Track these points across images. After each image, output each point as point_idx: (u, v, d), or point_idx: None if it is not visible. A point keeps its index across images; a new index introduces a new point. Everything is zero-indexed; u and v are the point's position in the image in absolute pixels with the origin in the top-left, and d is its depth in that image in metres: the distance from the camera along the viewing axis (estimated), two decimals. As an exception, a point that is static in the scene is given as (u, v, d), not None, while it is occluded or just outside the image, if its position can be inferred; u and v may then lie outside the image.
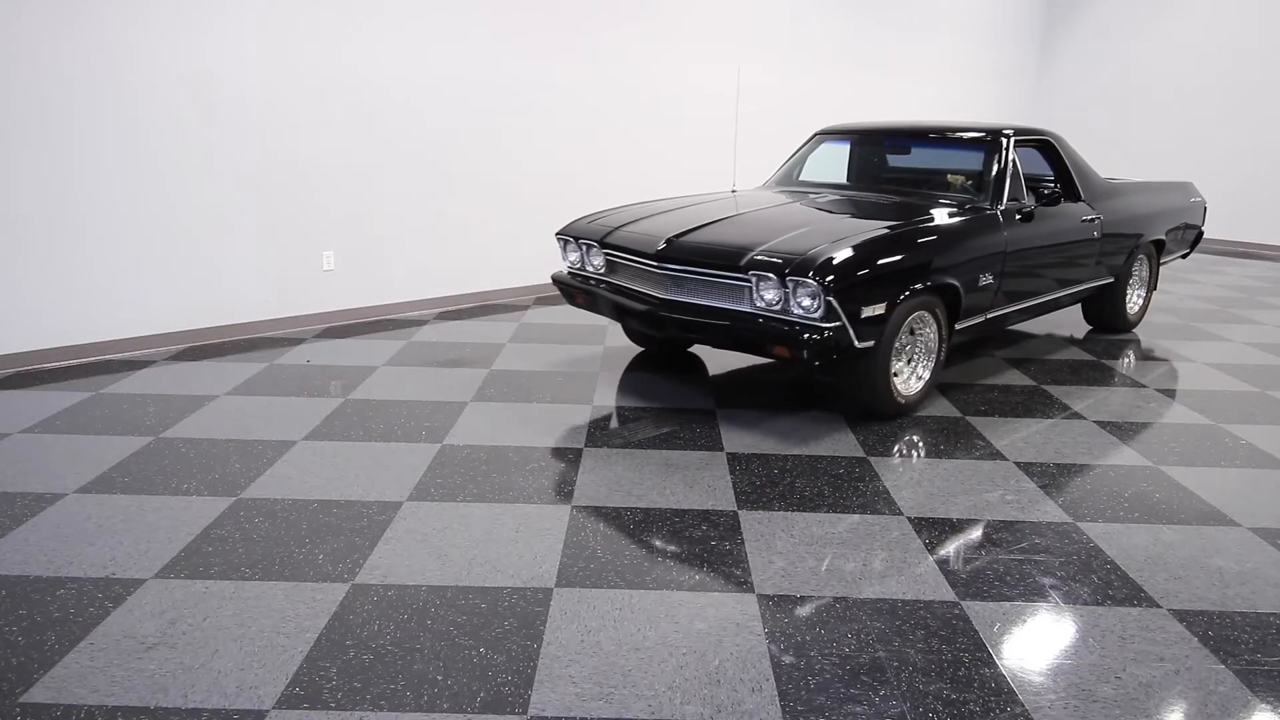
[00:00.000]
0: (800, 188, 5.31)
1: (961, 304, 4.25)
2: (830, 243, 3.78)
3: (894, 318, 3.87)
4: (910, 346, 4.21)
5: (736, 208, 4.58)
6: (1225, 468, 3.75)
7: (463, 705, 2.13)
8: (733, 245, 3.92)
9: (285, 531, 2.98)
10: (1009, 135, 4.82)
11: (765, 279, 3.69)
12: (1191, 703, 2.22)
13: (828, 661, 2.34)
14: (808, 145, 5.65)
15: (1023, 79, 11.50)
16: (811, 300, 3.60)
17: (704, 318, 3.89)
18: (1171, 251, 6.29)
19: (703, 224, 4.26)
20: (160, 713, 2.08)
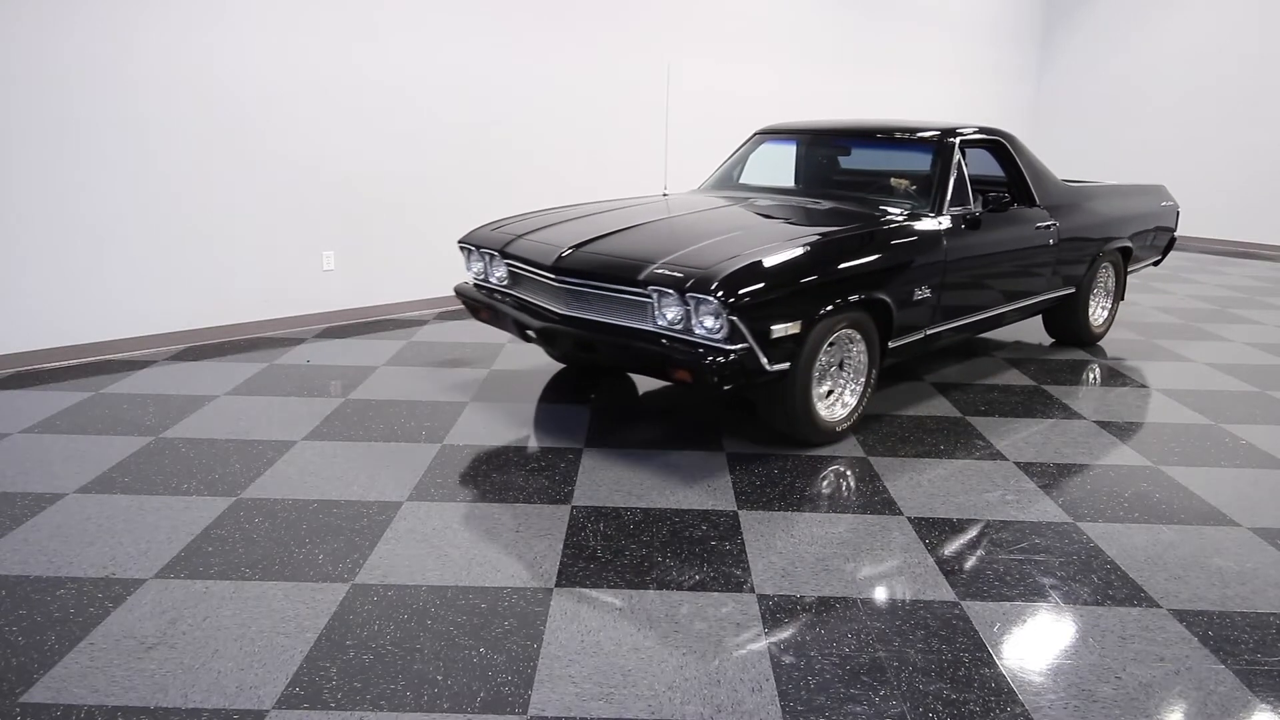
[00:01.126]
0: (735, 191, 4.95)
1: (894, 320, 3.88)
2: (738, 255, 3.41)
3: (813, 337, 3.52)
4: (836, 368, 3.85)
5: (655, 214, 4.21)
6: (1225, 468, 3.75)
7: (463, 705, 2.13)
8: (634, 257, 3.54)
9: (285, 531, 2.98)
10: (954, 136, 4.46)
11: (666, 295, 3.33)
12: (1191, 703, 2.22)
13: (828, 661, 2.34)
14: (747, 145, 5.27)
15: (1023, 79, 11.50)
16: (714, 320, 3.25)
17: (603, 336, 3.52)
18: (1140, 259, 5.93)
19: (610, 232, 3.88)
20: (160, 713, 2.08)
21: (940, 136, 4.47)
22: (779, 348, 3.38)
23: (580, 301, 3.68)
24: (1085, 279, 5.31)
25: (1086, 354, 5.57)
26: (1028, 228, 4.70)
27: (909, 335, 4.06)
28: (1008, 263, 4.58)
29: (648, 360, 3.39)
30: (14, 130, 4.54)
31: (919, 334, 4.12)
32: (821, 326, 3.55)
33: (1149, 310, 7.00)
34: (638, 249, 3.64)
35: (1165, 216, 6.05)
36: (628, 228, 3.94)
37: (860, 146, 4.89)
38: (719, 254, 3.45)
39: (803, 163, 5.13)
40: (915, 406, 4.41)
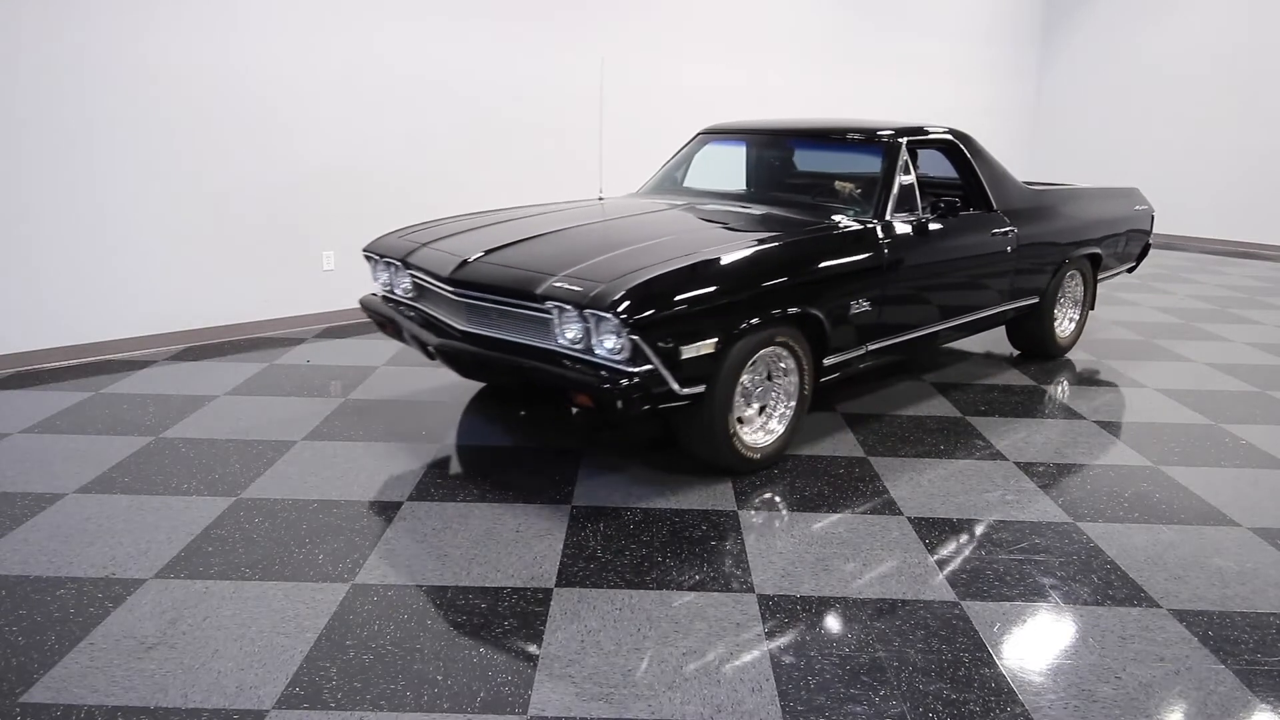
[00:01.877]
0: (673, 195, 4.63)
1: (828, 336, 3.60)
2: (644, 267, 3.12)
3: (731, 357, 3.22)
4: (763, 390, 3.54)
5: (577, 220, 3.94)
6: (1225, 468, 3.75)
7: (463, 705, 2.13)
8: (535, 269, 3.27)
9: (285, 531, 2.98)
10: (899, 138, 4.16)
11: (566, 311, 3.05)
12: (1191, 703, 2.22)
13: (828, 661, 2.34)
14: (691, 146, 4.94)
15: (1023, 79, 11.50)
16: (615, 339, 2.97)
17: (501, 355, 3.24)
18: (1111, 266, 5.59)
19: (517, 240, 3.60)
20: (160, 713, 2.08)
21: (884, 137, 4.16)
22: (691, 369, 3.08)
23: (480, 317, 3.40)
24: (1049, 288, 5.00)
25: (1087, 354, 5.56)
26: (982, 234, 4.40)
27: (847, 352, 3.76)
28: (960, 272, 4.29)
29: (546, 383, 3.13)
30: (16, 130, 4.54)
31: (859, 350, 3.81)
32: (742, 345, 3.24)
33: (1149, 310, 7.00)
34: (541, 260, 3.35)
35: (1139, 221, 5.73)
36: (537, 235, 3.66)
37: (805, 148, 4.61)
38: (625, 266, 3.15)
39: (746, 165, 4.83)
40: (915, 406, 4.41)
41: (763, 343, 3.34)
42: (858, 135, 4.24)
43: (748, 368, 3.36)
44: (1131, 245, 5.73)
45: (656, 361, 2.99)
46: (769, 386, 3.56)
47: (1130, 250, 5.76)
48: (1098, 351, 5.63)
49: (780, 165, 4.74)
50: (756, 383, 3.49)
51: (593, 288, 3.02)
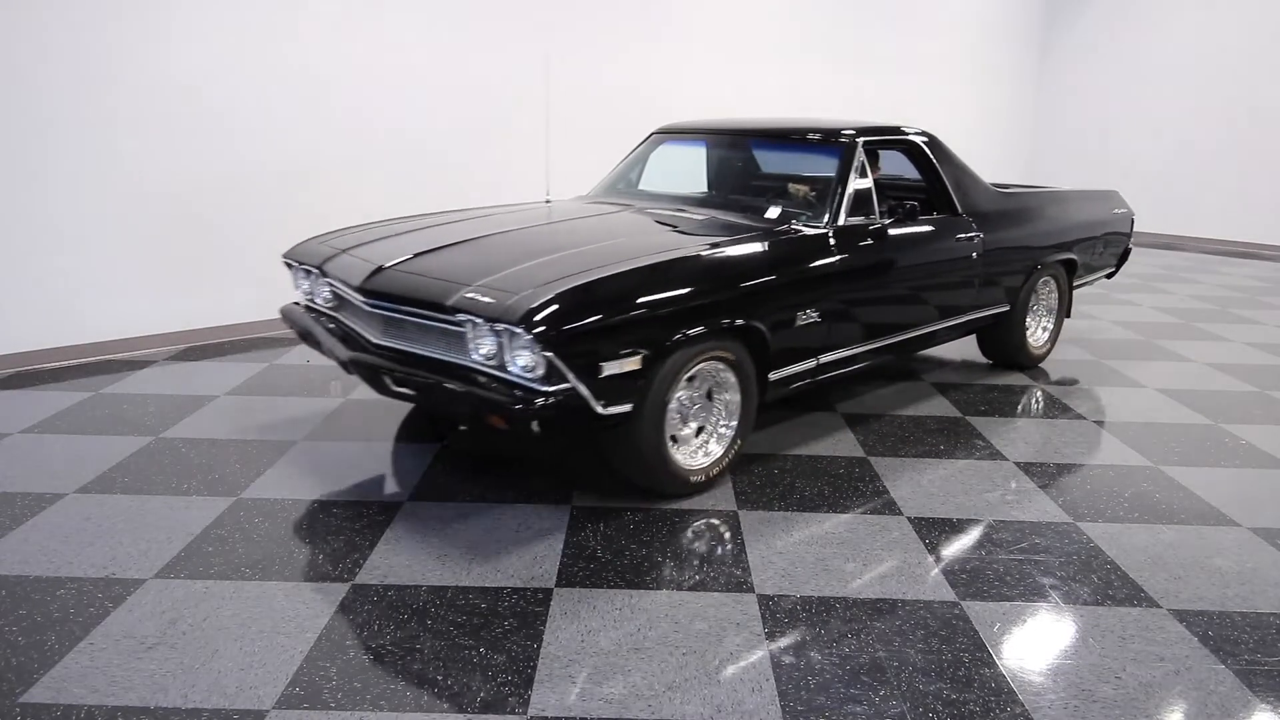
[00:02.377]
0: (622, 198, 4.37)
1: (771, 349, 3.37)
2: (563, 277, 2.90)
3: (663, 373, 2.99)
4: (701, 407, 3.31)
5: (511, 224, 3.72)
6: (1225, 468, 3.75)
7: (463, 705, 2.13)
8: (448, 278, 3.02)
9: (285, 531, 2.98)
10: (854, 137, 3.93)
11: (478, 325, 2.81)
12: (1191, 703, 2.22)
13: (828, 661, 2.34)
14: (644, 146, 4.70)
15: (1022, 80, 11.50)
16: (528, 356, 2.74)
17: (413, 372, 2.98)
18: (1089, 272, 5.36)
19: (439, 247, 3.37)
20: (160, 713, 2.08)
21: (838, 138, 3.95)
22: (615, 387, 2.85)
23: (395, 329, 3.16)
24: (1021, 295, 4.76)
25: (1087, 354, 5.57)
26: (945, 239, 4.18)
27: (794, 365, 3.53)
28: (921, 279, 4.08)
29: (456, 403, 2.90)
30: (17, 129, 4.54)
31: (808, 363, 3.59)
32: (674, 360, 3.02)
33: (1149, 310, 7.01)
34: (458, 268, 3.11)
35: (1117, 224, 5.48)
36: (462, 242, 3.42)
37: (759, 149, 4.38)
38: (544, 275, 2.93)
39: (699, 166, 4.60)
40: (915, 406, 4.41)
41: (699, 357, 3.11)
42: (812, 135, 4.04)
43: (682, 384, 3.14)
44: (1110, 250, 5.51)
45: (574, 380, 2.75)
46: (709, 404, 3.33)
47: (1109, 255, 5.53)
48: (1098, 351, 5.64)
49: (734, 167, 4.53)
50: (694, 400, 3.26)
51: (505, 299, 2.78)
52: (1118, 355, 5.56)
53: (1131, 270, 8.99)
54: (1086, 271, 5.31)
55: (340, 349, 3.28)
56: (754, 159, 4.44)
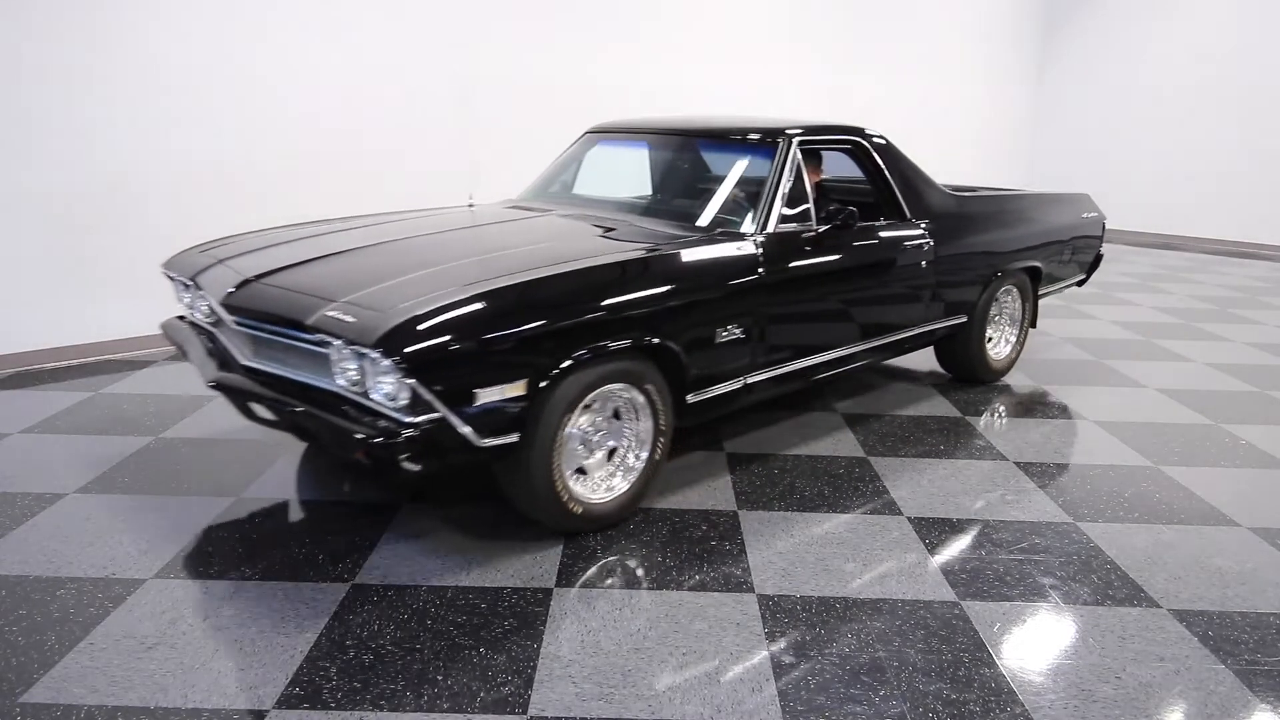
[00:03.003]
0: (548, 202, 4.08)
1: (687, 370, 3.08)
2: (431, 294, 2.59)
3: (554, 398, 2.71)
4: (604, 435, 3.02)
5: (410, 232, 3.42)
6: (1225, 468, 3.75)
7: (463, 705, 2.13)
8: (316, 293, 2.74)
9: (285, 531, 2.98)
10: (787, 137, 3.64)
11: (339, 348, 2.52)
12: (1191, 703, 2.22)
13: (828, 661, 2.34)
14: (577, 146, 4.38)
15: (1023, 80, 11.50)
16: (390, 382, 2.45)
17: (277, 397, 2.71)
18: (1056, 279, 5.08)
19: (320, 256, 3.09)
20: (160, 713, 2.08)
21: (769, 138, 3.65)
22: (494, 415, 2.58)
23: (265, 349, 2.89)
24: (979, 305, 4.47)
25: (1087, 354, 5.56)
26: (891, 247, 3.89)
27: (717, 387, 3.24)
28: (862, 290, 3.78)
29: (320, 434, 2.64)
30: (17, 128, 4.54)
31: (733, 384, 3.30)
32: (569, 384, 2.74)
33: (1149, 310, 7.01)
34: (329, 282, 2.82)
35: (1086, 229, 5.20)
36: (347, 251, 3.14)
37: (690, 149, 4.06)
38: (416, 291, 2.64)
39: (634, 168, 4.30)
40: (915, 406, 4.41)
41: (600, 380, 2.84)
42: (742, 135, 3.75)
43: (580, 410, 2.86)
44: (1079, 256, 5.22)
45: (444, 409, 2.48)
46: (618, 431, 3.06)
47: (1078, 261, 5.24)
48: (1097, 351, 5.64)
49: (665, 169, 4.18)
50: (598, 426, 2.99)
51: (367, 319, 2.50)
52: (1118, 355, 5.56)
53: (1131, 270, 9.00)
54: (1052, 280, 5.05)
55: (210, 369, 2.98)
56: (685, 160, 4.11)
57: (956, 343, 4.57)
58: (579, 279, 2.84)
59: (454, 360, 2.47)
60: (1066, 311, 6.83)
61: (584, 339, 2.74)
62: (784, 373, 3.52)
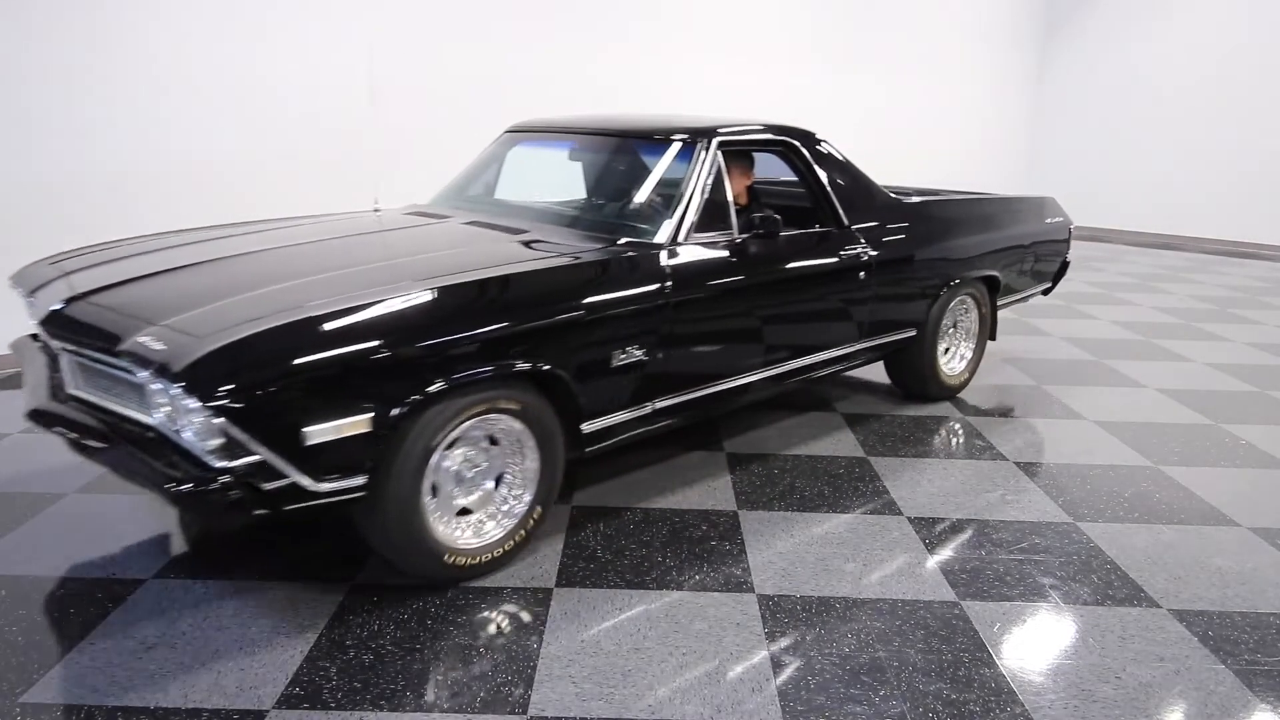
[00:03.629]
0: (457, 208, 3.74)
1: (578, 398, 2.78)
2: (257, 318, 2.28)
3: (413, 435, 2.38)
4: (482, 472, 2.69)
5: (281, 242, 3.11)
6: (1225, 468, 3.75)
7: (463, 705, 2.13)
8: (136, 315, 2.42)
9: (285, 531, 2.98)
10: (706, 138, 3.35)
11: (148, 378, 2.22)
12: (1191, 703, 2.22)
13: (828, 661, 2.34)
14: (496, 146, 4.02)
15: (1024, 81, 11.50)
16: (199, 421, 2.12)
17: (92, 431, 2.43)
18: (1016, 290, 4.76)
19: (158, 271, 2.76)
20: (160, 713, 2.08)
21: (684, 138, 3.37)
22: (331, 457, 2.25)
23: (91, 376, 2.56)
24: (930, 318, 4.16)
25: (1087, 354, 5.56)
26: (824, 256, 3.59)
27: (618, 413, 2.94)
28: (790, 304, 3.51)
29: (126, 471, 2.36)
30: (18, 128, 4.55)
31: (640, 410, 3.00)
32: (428, 418, 2.41)
33: (1149, 310, 7.01)
34: (159, 301, 2.50)
35: (1051, 235, 4.90)
36: (196, 265, 2.82)
37: (606, 150, 3.74)
38: (238, 315, 2.31)
39: (554, 170, 3.97)
40: (915, 407, 4.41)
41: (469, 411, 2.51)
42: (658, 136, 3.46)
43: (446, 446, 2.52)
44: (1042, 264, 4.90)
45: (264, 451, 2.16)
46: (499, 467, 2.73)
47: (1042, 270, 4.92)
48: (1097, 351, 5.64)
49: (579, 171, 3.87)
50: (473, 462, 2.66)
51: (178, 346, 2.19)
52: (1118, 355, 5.56)
53: (1131, 270, 9.00)
54: (1013, 290, 4.74)
55: (38, 396, 2.65)
56: (598, 164, 3.79)
57: (906, 357, 4.25)
58: (436, 298, 2.49)
59: (273, 395, 2.14)
60: (1066, 311, 6.84)
61: (444, 367, 2.41)
62: (700, 396, 3.21)
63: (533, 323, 2.61)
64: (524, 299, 2.66)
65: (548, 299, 2.69)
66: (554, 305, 2.68)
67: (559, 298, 2.72)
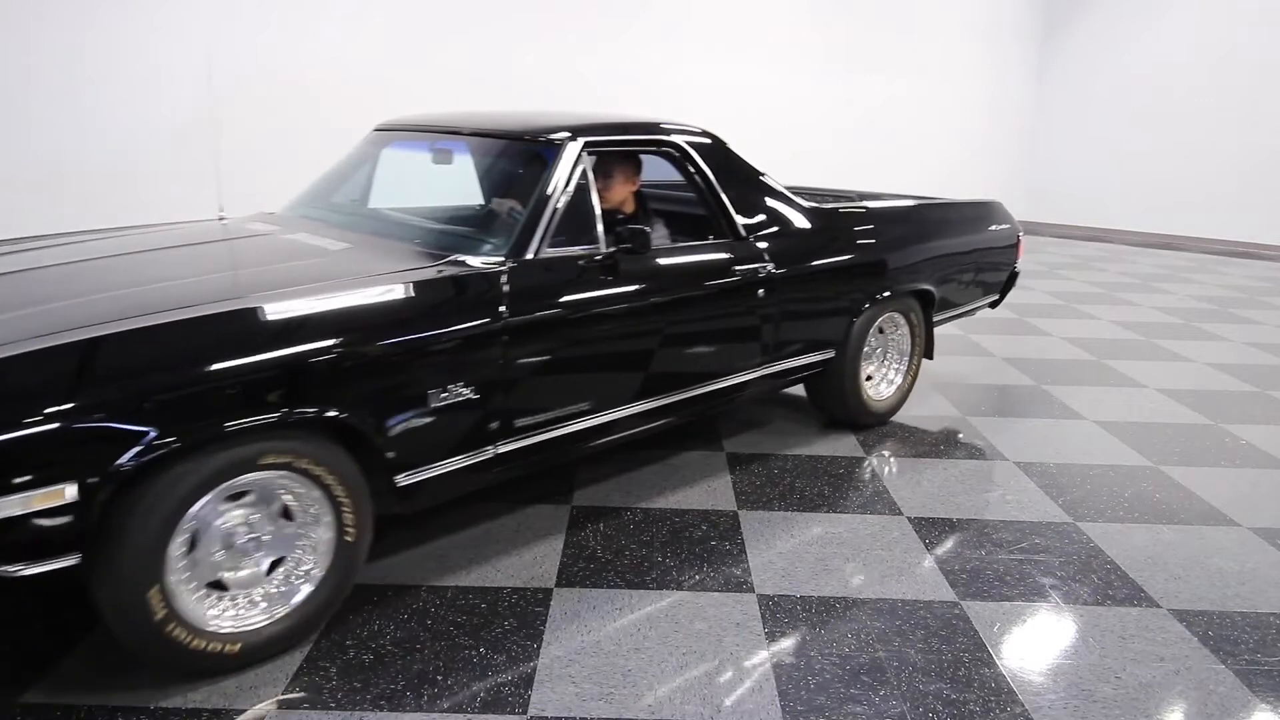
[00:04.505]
0: (298, 216, 3.29)
1: (379, 451, 2.31)
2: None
3: (143, 503, 1.95)
4: (267, 541, 2.23)
5: (74, 257, 2.73)
6: (1225, 468, 3.75)
7: (463, 705, 2.13)
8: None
9: (285, 531, 2.98)
10: (568, 138, 2.91)
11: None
12: (1191, 703, 2.22)
13: (828, 661, 2.34)
14: (362, 146, 3.57)
15: (1024, 80, 11.50)
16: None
17: None
18: (957, 304, 4.32)
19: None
20: (160, 713, 2.08)
21: (544, 138, 2.93)
22: (23, 534, 1.83)
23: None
24: (851, 338, 3.73)
25: (1087, 354, 5.56)
26: (710, 272, 3.17)
27: (445, 463, 2.49)
28: (669, 326, 3.02)
29: None
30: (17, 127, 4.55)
31: (476, 456, 2.55)
32: (168, 481, 1.98)
33: (1149, 310, 7.01)
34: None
35: (995, 242, 4.44)
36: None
37: (465, 152, 3.35)
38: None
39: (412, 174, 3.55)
40: (915, 406, 4.41)
41: (227, 471, 2.06)
42: (513, 136, 3.05)
43: (195, 515, 2.05)
44: (987, 275, 4.47)
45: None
46: (287, 535, 2.26)
47: (987, 281, 4.50)
48: (1097, 351, 5.64)
49: (432, 176, 3.48)
50: (250, 528, 2.19)
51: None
52: (1117, 355, 5.56)
53: (1131, 270, 9.00)
54: (952, 305, 4.30)
55: None
56: (454, 167, 3.40)
57: (824, 380, 3.82)
58: (173, 334, 2.06)
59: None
60: (1066, 311, 6.84)
61: (180, 417, 1.95)
62: (557, 436, 2.76)
63: (305, 360, 2.14)
64: (288, 332, 2.19)
65: (336, 333, 2.22)
66: (343, 340, 2.22)
67: (352, 332, 2.25)
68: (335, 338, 2.21)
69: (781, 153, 8.41)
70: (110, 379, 1.93)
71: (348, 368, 2.23)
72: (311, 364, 2.16)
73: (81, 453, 1.86)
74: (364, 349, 2.25)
